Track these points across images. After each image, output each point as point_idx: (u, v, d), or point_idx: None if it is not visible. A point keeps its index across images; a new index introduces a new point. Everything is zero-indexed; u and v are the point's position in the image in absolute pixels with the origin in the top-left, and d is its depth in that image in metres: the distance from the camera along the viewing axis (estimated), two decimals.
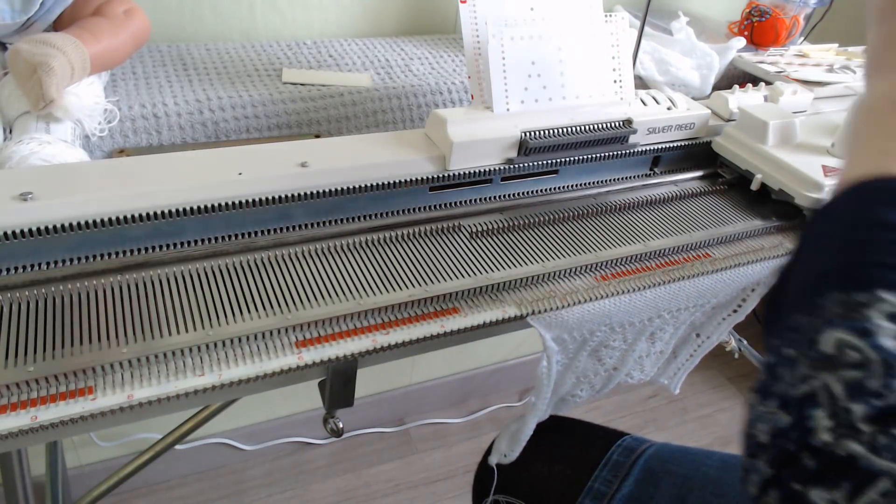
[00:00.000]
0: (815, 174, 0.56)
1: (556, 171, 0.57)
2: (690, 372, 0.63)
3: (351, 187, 0.49)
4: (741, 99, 0.66)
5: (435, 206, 0.53)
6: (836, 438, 0.24)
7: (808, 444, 0.25)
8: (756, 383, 0.29)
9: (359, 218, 0.51)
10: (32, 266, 0.42)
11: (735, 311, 0.58)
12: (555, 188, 0.58)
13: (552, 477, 0.57)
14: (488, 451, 0.64)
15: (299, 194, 0.48)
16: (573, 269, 0.49)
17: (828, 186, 0.55)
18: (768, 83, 0.70)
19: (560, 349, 0.49)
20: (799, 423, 0.25)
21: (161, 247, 0.45)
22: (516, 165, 0.54)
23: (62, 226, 0.42)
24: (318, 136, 0.64)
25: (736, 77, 0.83)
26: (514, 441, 0.56)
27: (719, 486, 0.54)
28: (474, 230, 0.51)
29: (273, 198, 0.47)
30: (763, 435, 0.26)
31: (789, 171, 0.57)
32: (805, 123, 0.63)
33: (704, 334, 0.60)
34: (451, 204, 0.54)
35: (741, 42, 0.81)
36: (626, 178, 0.61)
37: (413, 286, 0.45)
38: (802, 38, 0.95)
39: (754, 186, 0.59)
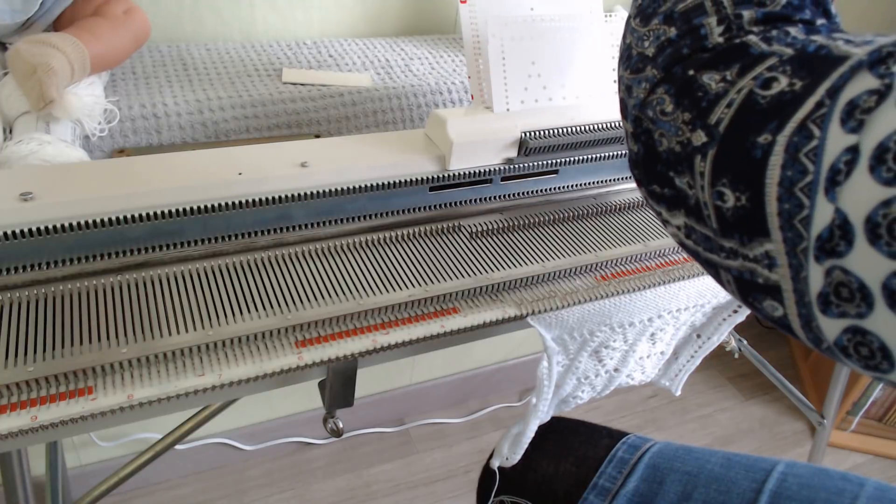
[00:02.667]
0: None
1: (556, 171, 0.57)
2: (690, 372, 0.63)
3: (351, 187, 0.49)
4: None
5: (435, 206, 0.53)
6: (729, 39, 0.26)
7: (702, 46, 0.27)
8: (633, 10, 0.31)
9: (359, 218, 0.51)
10: (32, 266, 0.42)
11: (735, 312, 0.58)
12: (555, 188, 0.58)
13: (557, 475, 0.57)
14: (493, 454, 0.64)
15: (299, 194, 0.48)
16: (573, 269, 0.49)
17: None
18: None
19: (560, 349, 0.49)
20: (688, 32, 0.27)
21: (161, 247, 0.45)
22: (516, 165, 0.54)
23: (62, 226, 0.42)
24: (318, 136, 0.64)
25: None
26: (516, 444, 0.56)
27: (724, 484, 0.54)
28: (474, 230, 0.51)
29: (273, 198, 0.47)
30: (651, 49, 0.29)
31: None
32: None
33: (705, 335, 0.60)
34: (451, 204, 0.54)
35: None
36: (626, 178, 0.61)
37: (413, 286, 0.45)
38: None
39: None
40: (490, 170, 0.54)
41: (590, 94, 0.57)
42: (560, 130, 0.54)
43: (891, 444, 1.47)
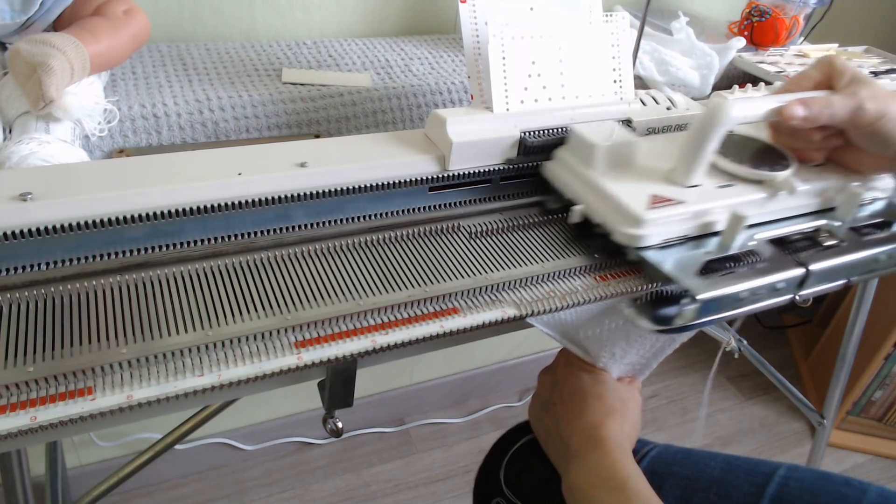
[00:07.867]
0: (636, 206, 0.46)
1: None
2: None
3: (351, 187, 0.49)
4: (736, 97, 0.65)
5: (435, 207, 0.53)
6: None
7: None
8: None
9: (358, 218, 0.51)
10: (32, 266, 0.42)
11: None
12: None
13: (556, 479, 0.57)
14: (489, 454, 0.64)
15: (299, 194, 0.48)
16: (573, 269, 0.49)
17: (650, 220, 0.46)
18: (768, 83, 0.70)
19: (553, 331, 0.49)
20: None
21: (161, 247, 0.45)
22: (516, 165, 0.54)
23: (62, 226, 0.42)
24: (318, 136, 0.64)
25: (736, 77, 0.83)
26: None
27: (723, 488, 0.54)
28: (474, 230, 0.51)
29: (273, 198, 0.47)
30: None
31: (612, 201, 0.48)
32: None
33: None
34: (450, 204, 0.54)
35: (741, 42, 0.81)
36: None
37: (412, 286, 0.45)
38: (802, 38, 0.95)
39: (574, 220, 0.50)
40: (490, 170, 0.54)
41: (590, 94, 0.57)
42: (560, 130, 0.54)
43: (891, 444, 1.47)
